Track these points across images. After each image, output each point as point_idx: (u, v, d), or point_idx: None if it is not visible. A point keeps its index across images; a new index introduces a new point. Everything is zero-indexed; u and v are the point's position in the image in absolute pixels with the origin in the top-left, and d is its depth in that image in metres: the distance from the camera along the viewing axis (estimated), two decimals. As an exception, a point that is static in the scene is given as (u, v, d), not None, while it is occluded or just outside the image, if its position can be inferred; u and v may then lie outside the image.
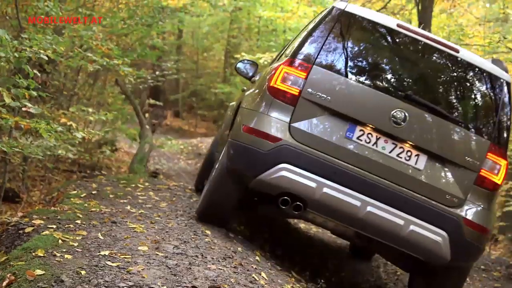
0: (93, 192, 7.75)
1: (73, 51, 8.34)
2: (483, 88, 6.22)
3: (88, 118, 9.55)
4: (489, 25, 22.21)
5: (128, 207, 6.90)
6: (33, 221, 5.75)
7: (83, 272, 4.22)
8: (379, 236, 5.97)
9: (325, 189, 5.69)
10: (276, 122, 5.83)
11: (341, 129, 5.83)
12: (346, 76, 5.95)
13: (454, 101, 6.26)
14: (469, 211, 5.86)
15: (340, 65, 6.01)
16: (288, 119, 5.81)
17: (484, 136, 5.99)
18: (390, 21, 6.19)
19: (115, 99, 15.19)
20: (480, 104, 6.27)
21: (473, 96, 6.30)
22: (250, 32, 30.09)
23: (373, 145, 5.82)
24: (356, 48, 6.27)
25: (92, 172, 12.21)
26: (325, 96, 5.82)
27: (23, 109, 6.18)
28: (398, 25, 6.11)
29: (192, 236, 5.72)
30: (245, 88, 8.00)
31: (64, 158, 10.70)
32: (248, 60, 7.86)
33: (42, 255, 4.55)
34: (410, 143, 5.84)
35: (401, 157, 5.84)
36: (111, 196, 7.58)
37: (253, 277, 4.99)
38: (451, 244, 5.76)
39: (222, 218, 6.61)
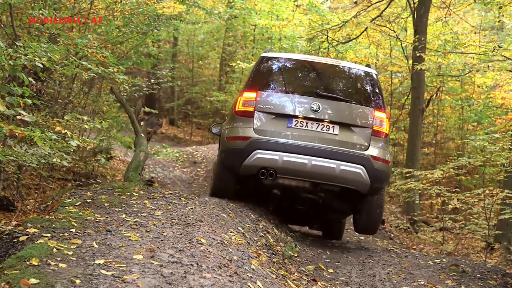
0: (88, 201, 7.72)
1: (68, 59, 8.30)
2: (362, 79, 10.13)
3: (83, 126, 9.50)
4: (484, 33, 22.27)
5: (123, 216, 6.87)
6: (27, 230, 5.72)
7: (77, 281, 4.19)
8: (324, 179, 9.37)
9: (284, 158, 9.18)
10: (245, 129, 9.44)
11: (284, 123, 9.43)
12: (279, 91, 9.76)
13: (347, 90, 10.11)
14: (373, 151, 9.41)
15: (274, 86, 9.89)
16: (251, 125, 9.41)
17: (369, 106, 9.68)
18: (297, 56, 10.61)
19: (110, 107, 15.17)
20: (363, 88, 10.13)
21: (358, 85, 10.18)
22: (246, 40, 30.16)
23: (305, 127, 9.40)
24: (281, 75, 10.15)
25: (87, 180, 12.17)
26: (269, 106, 9.49)
27: (18, 117, 6.16)
28: (299, 57, 10.36)
29: (187, 245, 5.70)
30: None
31: (58, 166, 10.67)
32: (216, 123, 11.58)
33: (36, 264, 4.53)
34: (327, 120, 9.42)
35: (323, 130, 9.40)
36: (106, 204, 7.55)
37: (248, 285, 4.97)
38: (368, 172, 9.26)
39: (227, 196, 9.81)
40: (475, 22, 23.93)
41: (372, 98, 9.82)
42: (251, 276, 5.35)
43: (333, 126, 9.38)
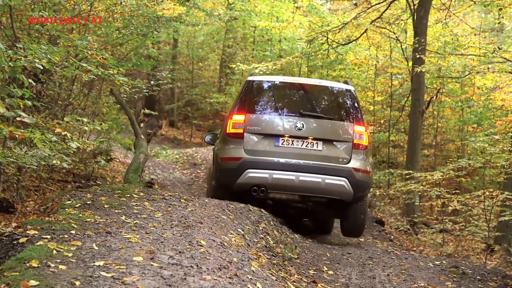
0: (88, 202, 7.71)
1: (68, 61, 8.31)
2: (342, 96, 10.92)
3: (83, 128, 9.50)
4: (484, 35, 22.28)
5: (123, 217, 6.87)
6: (27, 232, 5.72)
7: (77, 283, 4.19)
8: (311, 192, 10.27)
9: (274, 175, 10.00)
10: (236, 150, 10.18)
11: (271, 142, 10.25)
12: (265, 113, 10.49)
13: (328, 107, 10.90)
14: (354, 164, 10.25)
15: (260, 108, 10.54)
16: (242, 146, 10.17)
17: (349, 121, 10.48)
18: (280, 78, 11.47)
19: (110, 109, 15.17)
20: (342, 105, 10.86)
21: (337, 102, 10.99)
22: (246, 42, 30.16)
23: (291, 145, 10.21)
24: (266, 97, 10.82)
25: (87, 182, 12.19)
26: (257, 127, 10.25)
27: (18, 119, 6.15)
28: (284, 80, 11.20)
29: (187, 246, 5.70)
30: None
31: (58, 168, 10.67)
32: (211, 133, 13.00)
33: (36, 265, 4.52)
34: (311, 137, 10.23)
35: (308, 146, 10.21)
36: (106, 206, 7.55)
37: (248, 287, 4.97)
38: (350, 184, 10.10)
39: None
40: (475, 23, 23.93)
41: (351, 113, 10.62)
42: (251, 278, 5.35)
43: (317, 142, 10.26)
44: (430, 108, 21.85)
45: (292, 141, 10.22)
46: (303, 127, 10.19)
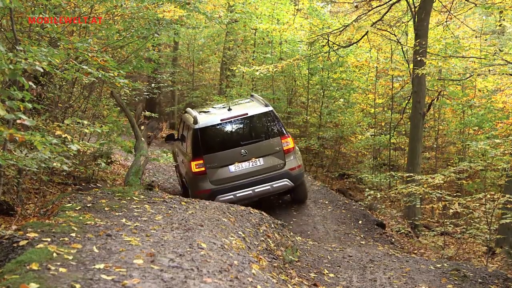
0: (88, 205, 7.71)
1: (68, 63, 8.29)
2: (265, 118, 13.85)
3: (83, 130, 9.48)
4: (485, 37, 22.24)
5: (124, 220, 6.86)
6: (27, 234, 5.71)
7: (77, 286, 4.18)
8: (266, 195, 13.83)
9: (237, 195, 13.25)
10: (204, 184, 13.17)
11: (227, 170, 13.29)
12: (217, 151, 13.29)
13: (259, 131, 13.77)
14: (288, 165, 13.66)
15: (213, 148, 13.28)
16: (207, 179, 13.17)
17: (275, 135, 13.68)
18: (217, 119, 13.62)
19: (110, 111, 15.17)
20: (267, 125, 13.84)
21: (265, 124, 13.86)
22: (246, 44, 30.08)
23: (241, 168, 13.34)
24: (213, 138, 13.43)
25: (87, 184, 12.17)
26: (214, 164, 13.18)
27: (18, 121, 6.12)
28: (221, 119, 13.55)
29: (188, 249, 5.68)
30: None
31: (59, 170, 10.65)
32: (171, 134, 15.52)
33: (36, 268, 4.51)
34: (253, 158, 13.38)
35: (253, 165, 13.41)
36: (106, 209, 7.54)
37: (249, 290, 4.95)
38: (290, 179, 13.66)
39: None
40: (476, 26, 23.87)
41: (275, 129, 13.86)
42: (251, 281, 5.33)
43: (258, 159, 13.51)
44: (431, 110, 21.82)
45: (241, 165, 13.38)
46: (246, 153, 13.37)
